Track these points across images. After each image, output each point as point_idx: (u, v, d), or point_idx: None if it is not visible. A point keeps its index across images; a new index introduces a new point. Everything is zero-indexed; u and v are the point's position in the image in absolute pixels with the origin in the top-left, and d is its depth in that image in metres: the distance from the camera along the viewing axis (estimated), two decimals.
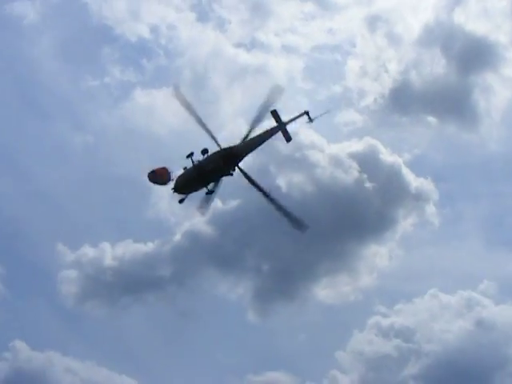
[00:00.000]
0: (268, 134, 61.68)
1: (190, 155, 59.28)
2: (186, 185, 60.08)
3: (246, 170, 60.40)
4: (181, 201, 61.53)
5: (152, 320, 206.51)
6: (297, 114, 63.78)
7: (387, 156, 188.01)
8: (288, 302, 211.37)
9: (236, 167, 59.92)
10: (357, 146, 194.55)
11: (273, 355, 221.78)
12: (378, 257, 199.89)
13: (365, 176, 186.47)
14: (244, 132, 60.42)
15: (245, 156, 60.66)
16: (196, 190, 60.22)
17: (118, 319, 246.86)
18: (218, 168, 59.32)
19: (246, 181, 60.54)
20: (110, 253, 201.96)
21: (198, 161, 58.70)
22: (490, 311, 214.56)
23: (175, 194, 60.03)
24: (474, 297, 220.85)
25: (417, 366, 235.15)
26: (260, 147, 66.01)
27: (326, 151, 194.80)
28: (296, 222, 61.73)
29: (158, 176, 60.46)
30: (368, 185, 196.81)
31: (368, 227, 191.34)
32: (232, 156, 59.40)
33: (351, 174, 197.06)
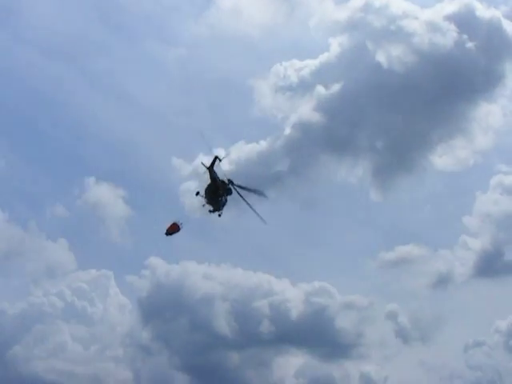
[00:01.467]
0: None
1: (197, 193, 79.64)
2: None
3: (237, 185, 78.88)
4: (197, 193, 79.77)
5: (277, 215, 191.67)
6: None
7: (484, 11, 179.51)
8: (407, 175, 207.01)
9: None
10: (451, 6, 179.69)
11: (401, 230, 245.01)
12: (491, 115, 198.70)
13: (465, 36, 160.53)
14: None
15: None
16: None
17: (244, 220, 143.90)
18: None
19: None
20: (226, 158, 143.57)
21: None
22: None
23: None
24: None
25: None
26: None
27: (421, 18, 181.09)
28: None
29: (172, 231, 76.15)
30: (469, 45, 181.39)
31: (476, 87, 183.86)
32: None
33: (450, 36, 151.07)
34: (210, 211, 77.16)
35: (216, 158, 76.34)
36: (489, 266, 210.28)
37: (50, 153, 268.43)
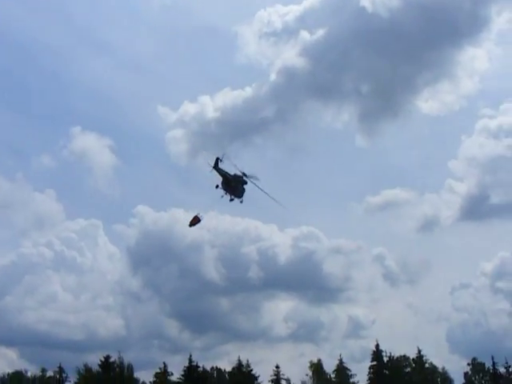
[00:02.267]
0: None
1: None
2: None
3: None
4: (217, 186, 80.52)
5: (263, 162, 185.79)
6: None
7: None
8: (393, 120, 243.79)
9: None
10: None
11: (387, 174, 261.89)
12: (477, 59, 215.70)
13: None
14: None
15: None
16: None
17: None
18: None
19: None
20: (211, 105, 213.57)
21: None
22: None
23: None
24: None
25: None
26: None
27: None
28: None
29: (194, 222, 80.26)
30: None
31: (461, 31, 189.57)
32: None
33: None
34: (231, 199, 78.79)
35: (217, 158, 78.24)
36: (474, 209, 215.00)
37: (34, 103, 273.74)
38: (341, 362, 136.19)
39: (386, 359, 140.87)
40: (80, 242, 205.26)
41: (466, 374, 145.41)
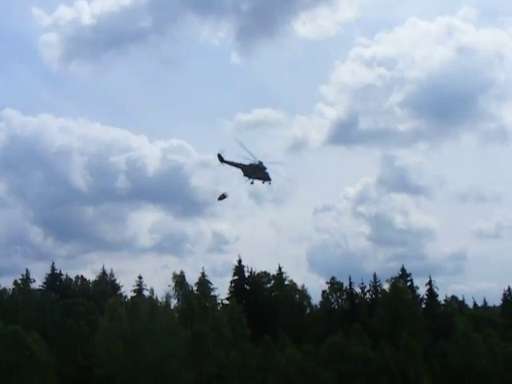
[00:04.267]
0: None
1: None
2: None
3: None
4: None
5: (137, 72, 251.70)
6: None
7: None
8: (269, 40, 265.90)
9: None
10: None
11: (260, 93, 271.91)
12: None
13: None
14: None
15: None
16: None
17: (103, 75, 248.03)
18: None
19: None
20: (88, 11, 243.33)
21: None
22: (471, 36, 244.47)
23: None
24: (454, 23, 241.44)
25: (402, 94, 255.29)
26: None
27: None
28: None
29: (222, 197, 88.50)
30: None
31: None
32: None
33: None
34: (263, 182, 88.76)
35: (218, 155, 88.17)
36: (342, 134, 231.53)
37: None
38: (203, 275, 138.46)
39: (247, 274, 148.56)
40: None
41: (323, 292, 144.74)
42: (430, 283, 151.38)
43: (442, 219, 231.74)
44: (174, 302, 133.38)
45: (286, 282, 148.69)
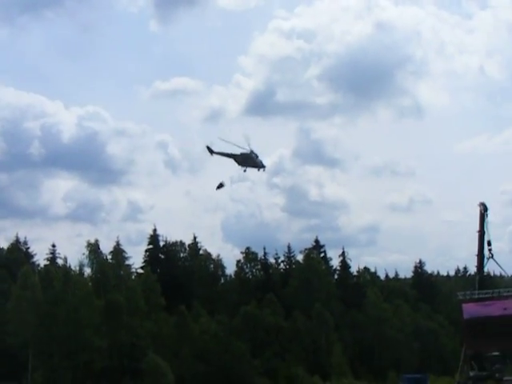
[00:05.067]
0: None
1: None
2: None
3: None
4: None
5: (54, 37, 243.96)
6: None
7: None
8: (189, 9, 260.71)
9: None
10: None
11: (178, 62, 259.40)
12: None
13: None
14: None
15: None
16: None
17: (18, 39, 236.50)
18: None
19: None
20: None
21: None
22: (390, 12, 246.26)
23: None
24: None
25: (320, 67, 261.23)
26: None
27: None
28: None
29: (219, 187, 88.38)
30: None
31: None
32: None
33: None
34: (258, 170, 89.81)
35: (207, 147, 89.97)
36: (260, 105, 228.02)
37: None
38: (118, 244, 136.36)
39: (162, 244, 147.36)
40: None
41: (238, 262, 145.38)
42: (343, 255, 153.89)
43: (357, 192, 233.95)
44: (87, 271, 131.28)
45: (201, 252, 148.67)
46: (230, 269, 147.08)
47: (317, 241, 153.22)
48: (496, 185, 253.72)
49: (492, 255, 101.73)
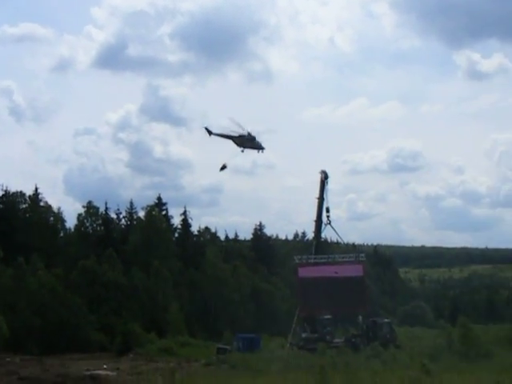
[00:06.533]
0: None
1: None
2: None
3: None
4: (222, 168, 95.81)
5: None
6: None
7: None
8: None
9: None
10: None
11: (29, 7, 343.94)
12: None
13: None
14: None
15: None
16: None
17: None
18: None
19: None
20: None
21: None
22: None
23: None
24: None
25: (173, 25, 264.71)
26: None
27: None
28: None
29: (222, 168, 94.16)
30: None
31: None
32: None
33: None
34: (258, 152, 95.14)
35: (205, 128, 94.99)
36: (110, 58, 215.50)
37: None
38: None
39: (1, 193, 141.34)
40: None
41: (79, 215, 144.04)
42: (184, 213, 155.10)
43: (200, 152, 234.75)
44: None
45: (42, 204, 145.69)
46: (71, 222, 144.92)
47: (159, 198, 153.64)
48: (338, 154, 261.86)
49: (330, 222, 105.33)
